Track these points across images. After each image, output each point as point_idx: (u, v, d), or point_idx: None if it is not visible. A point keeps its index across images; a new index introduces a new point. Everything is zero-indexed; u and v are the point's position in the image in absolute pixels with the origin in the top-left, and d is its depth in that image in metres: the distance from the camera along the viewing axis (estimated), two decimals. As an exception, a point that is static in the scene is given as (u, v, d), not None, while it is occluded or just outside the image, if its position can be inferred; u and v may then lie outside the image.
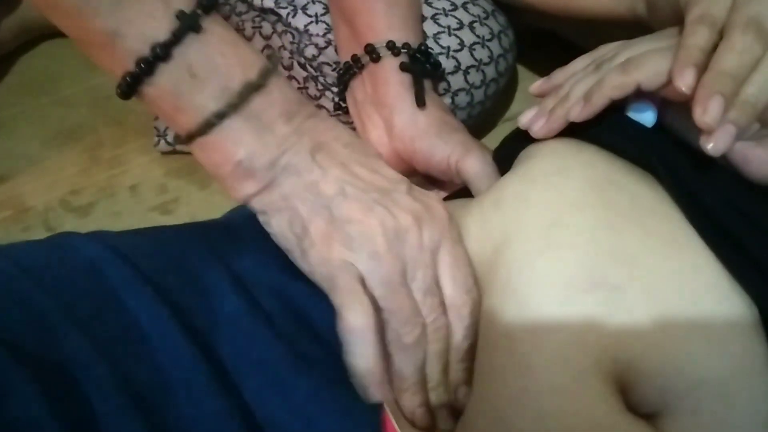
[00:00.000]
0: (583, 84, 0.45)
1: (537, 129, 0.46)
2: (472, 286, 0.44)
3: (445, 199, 0.58)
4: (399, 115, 0.56)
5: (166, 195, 0.77)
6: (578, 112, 0.44)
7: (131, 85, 0.41)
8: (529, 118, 0.48)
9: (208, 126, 0.42)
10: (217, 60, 0.42)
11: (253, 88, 0.42)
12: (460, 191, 0.56)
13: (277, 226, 0.45)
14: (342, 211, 0.43)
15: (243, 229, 0.49)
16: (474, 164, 0.53)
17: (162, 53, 0.40)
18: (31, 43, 0.90)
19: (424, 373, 0.43)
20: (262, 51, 0.63)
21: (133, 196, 0.77)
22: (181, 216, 0.75)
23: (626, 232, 0.40)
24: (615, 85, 0.43)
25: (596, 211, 0.41)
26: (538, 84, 0.51)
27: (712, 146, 0.38)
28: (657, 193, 0.43)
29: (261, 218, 0.45)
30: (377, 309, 0.42)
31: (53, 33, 0.89)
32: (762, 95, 0.39)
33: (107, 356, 0.38)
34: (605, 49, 0.49)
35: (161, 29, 0.40)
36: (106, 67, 0.43)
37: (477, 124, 0.75)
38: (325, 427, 0.42)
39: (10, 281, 0.39)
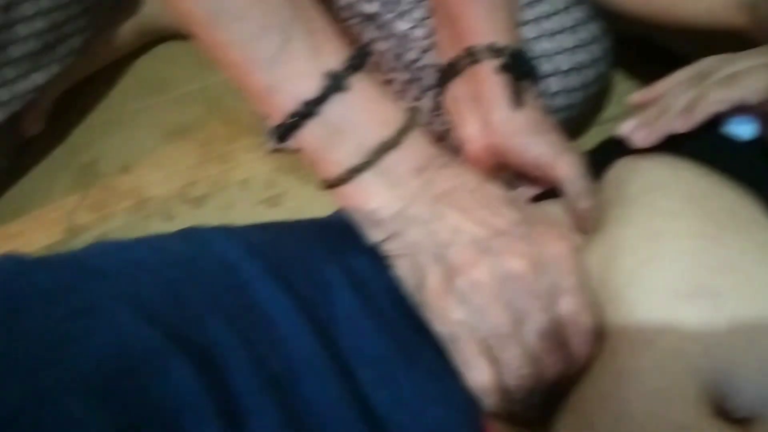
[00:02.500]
0: (685, 96, 0.46)
1: (639, 138, 0.48)
2: (594, 331, 0.44)
3: (536, 198, 0.60)
4: (496, 113, 0.57)
5: (274, 189, 0.81)
6: (681, 124, 0.45)
7: (282, 135, 0.46)
8: (631, 127, 0.49)
9: (344, 179, 0.46)
10: (359, 117, 0.45)
11: (388, 146, 0.45)
12: (549, 191, 0.57)
13: (401, 269, 0.47)
14: (454, 259, 0.44)
15: (355, 228, 0.51)
16: (567, 165, 0.54)
17: (310, 110, 0.44)
18: (149, 46, 0.96)
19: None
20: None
21: (243, 189, 0.81)
22: (287, 209, 0.79)
23: (726, 241, 0.41)
24: (718, 99, 0.44)
25: (695, 222, 0.42)
26: (638, 95, 0.53)
27: None
28: (754, 205, 0.43)
29: (389, 261, 0.48)
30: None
31: (170, 36, 0.95)
32: None
33: (245, 342, 0.41)
34: (707, 63, 0.49)
35: (311, 87, 0.44)
36: (265, 112, 0.47)
37: (571, 127, 0.76)
38: (431, 419, 0.44)
39: (161, 270, 0.42)
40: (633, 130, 0.49)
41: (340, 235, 0.51)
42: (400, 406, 0.44)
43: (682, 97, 0.47)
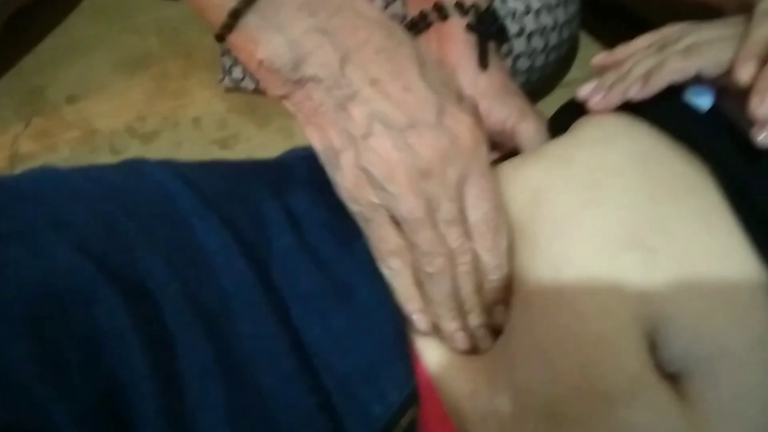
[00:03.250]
0: (645, 64, 0.46)
1: (594, 102, 0.48)
2: (494, 213, 0.45)
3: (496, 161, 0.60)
4: (461, 74, 0.57)
5: (227, 130, 0.79)
6: (637, 91, 0.45)
7: None
8: (588, 91, 0.49)
9: (228, 26, 0.42)
10: None
11: None
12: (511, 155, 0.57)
13: (312, 138, 0.45)
14: (369, 149, 0.43)
15: (297, 168, 0.52)
16: (528, 129, 0.54)
17: None
18: (105, -29, 0.92)
19: (458, 298, 0.45)
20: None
21: (196, 128, 0.80)
22: (239, 152, 0.78)
23: (663, 203, 0.42)
24: (676, 68, 0.44)
25: (636, 179, 0.43)
26: (600, 57, 0.52)
27: (762, 137, 0.39)
28: (700, 173, 0.44)
29: (300, 123, 0.45)
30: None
31: (129, -38, 0.91)
32: None
33: (179, 276, 0.41)
34: (670, 31, 0.49)
35: None
36: None
37: (535, 88, 0.76)
38: (360, 355, 0.45)
39: (96, 201, 0.41)
40: (590, 93, 0.49)
41: (281, 175, 0.51)
42: (331, 341, 0.44)
43: (641, 64, 0.47)
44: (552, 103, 0.80)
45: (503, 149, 0.60)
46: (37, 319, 0.34)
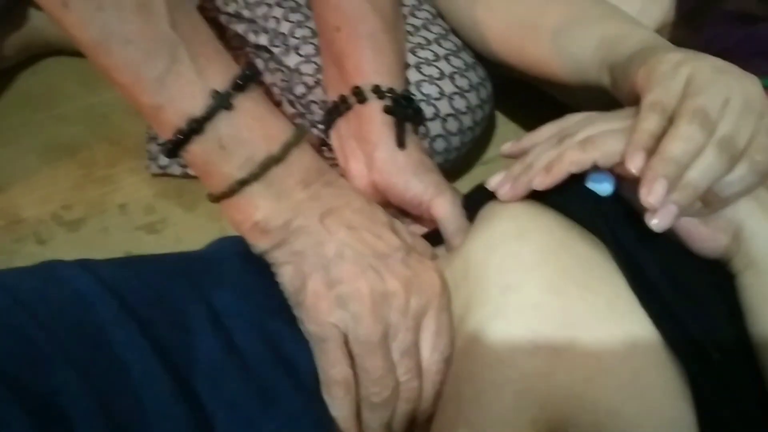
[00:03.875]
0: (546, 155, 0.50)
1: (502, 193, 0.51)
2: (448, 354, 0.48)
3: (425, 236, 0.62)
4: (380, 152, 0.59)
5: (154, 215, 0.80)
6: (540, 181, 0.48)
7: (170, 150, 0.48)
8: (496, 182, 0.52)
9: (231, 191, 0.48)
10: (244, 134, 0.48)
11: (274, 161, 0.48)
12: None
13: (283, 276, 0.49)
14: (337, 271, 0.48)
15: (224, 263, 0.53)
16: (444, 205, 0.57)
17: (196, 127, 0.46)
18: (32, 59, 0.93)
19: (391, 423, 0.48)
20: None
21: (123, 214, 0.80)
22: (167, 236, 0.78)
23: (573, 297, 0.44)
24: (573, 161, 0.47)
25: (546, 275, 0.45)
26: (507, 146, 0.57)
27: (655, 223, 0.42)
28: (607, 259, 0.46)
29: (273, 268, 0.50)
30: (355, 367, 0.47)
31: (54, 51, 0.92)
32: (703, 179, 0.43)
33: (93, 389, 0.40)
34: (570, 120, 0.53)
35: (197, 106, 0.46)
36: (156, 130, 0.49)
37: (454, 167, 0.79)
38: None
39: (6, 313, 0.41)
40: (499, 184, 0.52)
41: (206, 272, 0.52)
42: None
43: (543, 156, 0.50)
44: (471, 180, 0.84)
45: (423, 223, 0.63)
46: None
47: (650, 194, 0.42)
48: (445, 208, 0.56)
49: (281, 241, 0.49)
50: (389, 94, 0.61)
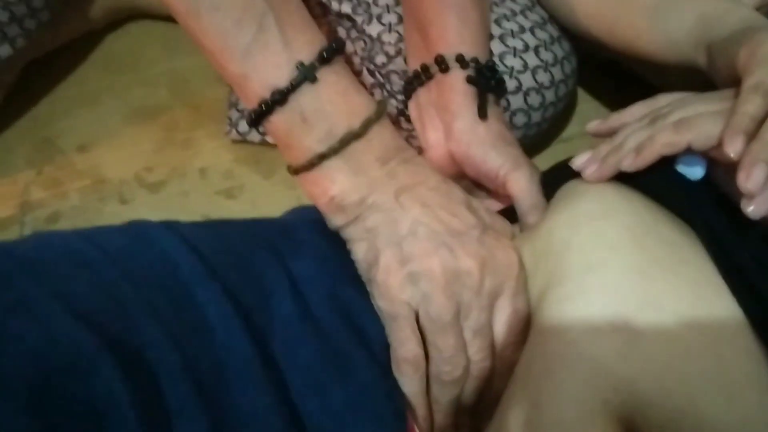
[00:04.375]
0: (637, 136, 0.48)
1: (589, 173, 0.50)
2: (523, 336, 0.47)
3: (500, 212, 0.61)
4: (460, 122, 0.59)
5: (232, 180, 0.81)
6: (629, 163, 0.47)
7: (254, 120, 0.48)
8: (582, 161, 0.51)
9: (311, 164, 0.48)
10: (327, 108, 0.47)
11: (354, 136, 0.48)
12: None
13: (357, 252, 0.49)
14: (410, 248, 0.47)
15: (303, 231, 0.53)
16: (520, 180, 0.56)
17: (279, 98, 0.47)
18: (118, 23, 0.94)
19: (460, 401, 0.48)
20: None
21: (202, 178, 0.81)
22: (244, 201, 0.79)
23: (657, 279, 0.42)
24: (666, 142, 0.45)
25: (631, 256, 0.44)
26: (594, 124, 0.55)
27: (752, 209, 0.41)
28: (694, 244, 0.45)
29: (348, 245, 0.50)
30: (426, 343, 0.46)
31: (141, 14, 0.94)
32: None
33: (178, 346, 0.41)
34: (662, 101, 0.51)
35: (282, 77, 0.47)
36: (241, 98, 0.50)
37: (533, 143, 0.78)
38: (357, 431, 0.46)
39: (100, 268, 0.43)
40: (585, 163, 0.51)
41: (285, 239, 0.52)
42: (329, 416, 0.45)
43: (633, 137, 0.49)
44: (549, 157, 0.82)
45: (496, 197, 0.62)
46: (37, 393, 0.35)
47: (749, 180, 0.40)
48: (521, 183, 0.55)
49: (356, 218, 0.49)
50: (473, 64, 0.60)
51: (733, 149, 0.42)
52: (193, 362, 0.41)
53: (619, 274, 0.43)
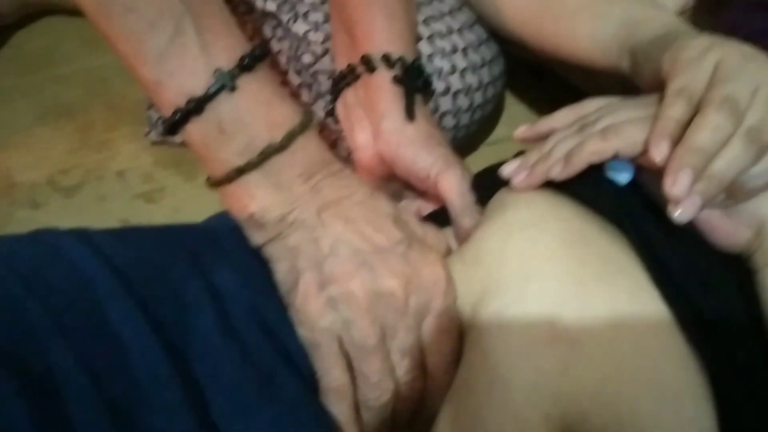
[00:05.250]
0: (565, 144, 0.48)
1: (517, 182, 0.49)
2: (455, 354, 0.46)
3: (428, 216, 0.60)
4: (387, 122, 0.58)
5: (153, 183, 0.78)
6: (558, 172, 0.47)
7: (168, 129, 0.45)
8: (511, 170, 0.50)
9: (228, 178, 0.46)
10: (246, 118, 0.45)
11: (275, 149, 0.45)
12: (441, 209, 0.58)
13: (278, 273, 0.47)
14: (331, 269, 0.45)
15: (226, 240, 0.50)
16: (452, 180, 0.55)
17: (195, 107, 0.44)
18: (30, 18, 0.91)
19: (391, 422, 0.46)
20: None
21: (120, 181, 0.78)
22: (165, 206, 0.77)
23: (592, 287, 0.42)
24: (593, 150, 0.45)
25: (566, 265, 0.43)
26: (522, 130, 0.54)
27: (678, 214, 0.41)
28: (626, 250, 0.45)
29: (270, 264, 0.48)
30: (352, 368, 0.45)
31: (54, 9, 0.90)
32: (729, 170, 0.41)
33: (89, 368, 0.39)
34: (590, 106, 0.51)
35: (198, 85, 0.44)
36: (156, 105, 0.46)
37: (461, 146, 0.77)
38: None
39: (3, 285, 0.39)
40: (514, 172, 0.50)
41: (206, 246, 0.50)
42: None
43: (562, 144, 0.48)
44: (478, 159, 0.82)
45: (428, 198, 0.61)
46: None
47: (675, 185, 0.40)
48: (453, 183, 0.55)
49: (277, 236, 0.47)
50: (399, 64, 0.59)
51: (658, 154, 0.42)
52: (104, 384, 0.39)
53: (556, 284, 0.43)
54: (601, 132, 0.46)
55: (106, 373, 0.39)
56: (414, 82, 0.60)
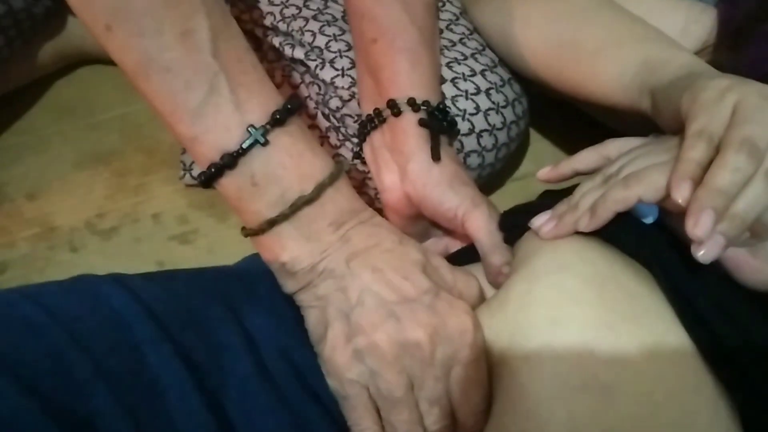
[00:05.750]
0: (591, 196, 0.49)
1: (545, 231, 0.50)
2: (484, 404, 0.46)
3: (454, 255, 0.61)
4: (414, 163, 0.59)
5: (187, 225, 0.80)
6: (585, 224, 0.47)
7: (204, 183, 0.47)
8: (541, 221, 0.51)
9: (261, 230, 0.47)
10: (278, 172, 0.46)
11: (305, 201, 0.47)
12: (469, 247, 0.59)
13: (309, 321, 0.48)
14: (358, 319, 0.46)
15: (259, 282, 0.52)
16: (479, 219, 0.56)
17: (229, 162, 0.45)
18: (68, 68, 0.93)
19: None
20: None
21: (156, 224, 0.80)
22: (199, 247, 0.78)
23: (621, 331, 0.42)
24: (617, 199, 0.46)
25: (594, 309, 0.44)
26: (545, 172, 0.55)
27: (702, 254, 0.41)
28: (653, 290, 0.45)
29: (302, 311, 0.49)
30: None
31: (91, 60, 0.93)
32: (751, 210, 0.42)
33: (129, 412, 0.40)
34: (611, 147, 0.52)
35: (232, 141, 0.45)
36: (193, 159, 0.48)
37: (485, 183, 0.78)
38: None
39: (44, 331, 0.41)
40: (543, 224, 0.50)
41: (239, 290, 0.51)
42: None
43: (588, 197, 0.49)
44: (503, 196, 0.83)
45: (455, 236, 0.62)
46: None
47: (697, 226, 0.41)
48: (480, 222, 0.56)
49: (307, 284, 0.48)
50: (424, 107, 0.61)
51: (680, 196, 0.42)
52: (144, 428, 0.40)
53: (586, 329, 0.43)
54: (624, 180, 0.46)
55: (145, 417, 0.41)
56: (439, 124, 0.61)
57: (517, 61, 0.71)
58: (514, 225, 0.54)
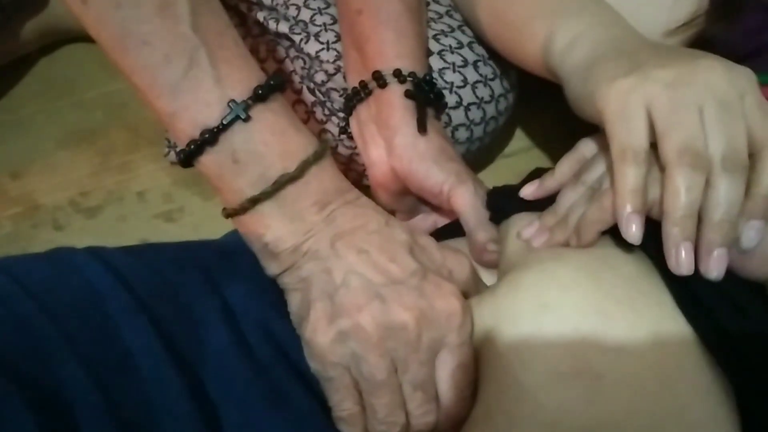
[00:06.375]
0: (576, 213, 0.47)
1: (537, 243, 0.48)
2: (470, 389, 0.45)
3: (440, 230, 0.61)
4: (400, 137, 0.58)
5: (172, 203, 0.79)
6: (576, 242, 0.46)
7: (183, 160, 0.45)
8: (531, 232, 0.49)
9: (243, 209, 0.46)
10: (260, 149, 0.45)
11: (289, 179, 0.45)
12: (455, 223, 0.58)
13: (291, 304, 0.47)
14: (342, 301, 0.44)
15: (239, 255, 0.50)
16: (465, 195, 0.55)
17: (209, 138, 0.44)
18: (52, 46, 0.92)
19: None
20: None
21: (140, 201, 0.79)
22: (184, 225, 0.78)
23: (616, 317, 0.41)
24: (596, 220, 0.44)
25: (588, 296, 0.42)
26: (530, 191, 0.52)
27: (715, 276, 0.40)
28: (651, 276, 0.44)
29: (285, 294, 0.48)
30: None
31: (75, 37, 0.92)
32: (730, 209, 0.40)
33: (100, 385, 0.39)
34: (585, 150, 0.50)
35: (212, 116, 0.44)
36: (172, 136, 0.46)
37: (475, 159, 0.78)
38: None
39: (12, 301, 0.40)
40: (534, 235, 0.49)
41: (220, 263, 0.50)
42: None
43: (574, 214, 0.47)
44: (492, 172, 0.82)
45: (441, 212, 0.61)
46: None
47: (678, 265, 0.40)
48: (465, 199, 0.55)
49: (291, 266, 0.46)
50: (410, 78, 0.60)
51: (632, 237, 0.41)
52: (117, 400, 0.39)
53: (577, 315, 0.41)
54: (598, 199, 0.45)
55: (117, 389, 0.40)
56: (426, 96, 0.60)
57: (478, 34, 0.70)
58: (500, 209, 0.53)
